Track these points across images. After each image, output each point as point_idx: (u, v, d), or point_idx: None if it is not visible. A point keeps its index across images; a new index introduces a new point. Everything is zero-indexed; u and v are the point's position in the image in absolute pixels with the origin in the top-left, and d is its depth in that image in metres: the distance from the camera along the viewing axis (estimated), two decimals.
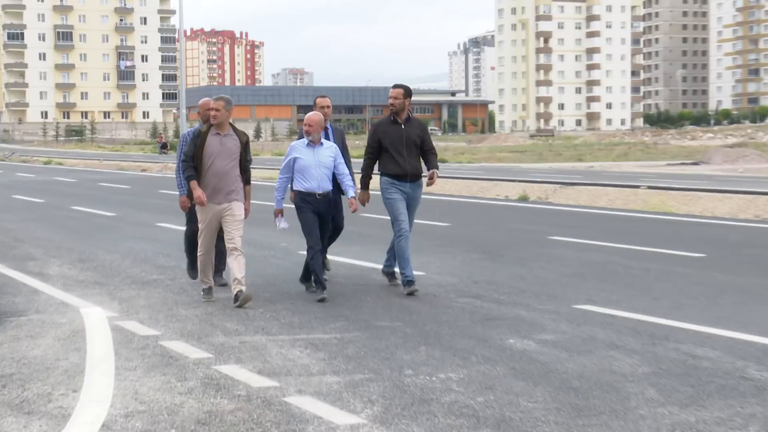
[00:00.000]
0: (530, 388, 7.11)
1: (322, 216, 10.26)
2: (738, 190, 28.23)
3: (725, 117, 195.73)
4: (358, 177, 11.74)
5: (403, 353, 8.28)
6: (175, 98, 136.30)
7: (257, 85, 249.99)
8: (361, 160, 11.69)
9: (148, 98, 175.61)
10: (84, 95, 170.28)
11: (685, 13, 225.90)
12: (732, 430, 6.06)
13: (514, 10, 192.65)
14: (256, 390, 7.12)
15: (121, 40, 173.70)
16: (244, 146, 9.95)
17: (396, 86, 10.52)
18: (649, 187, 28.87)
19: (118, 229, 20.38)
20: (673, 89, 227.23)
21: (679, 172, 49.48)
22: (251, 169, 10.90)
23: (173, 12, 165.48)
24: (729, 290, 11.68)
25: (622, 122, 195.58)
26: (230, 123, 10.04)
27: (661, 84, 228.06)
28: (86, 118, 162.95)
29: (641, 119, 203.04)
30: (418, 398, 6.86)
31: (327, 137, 11.07)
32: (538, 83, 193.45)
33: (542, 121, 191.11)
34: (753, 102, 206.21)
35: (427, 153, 10.55)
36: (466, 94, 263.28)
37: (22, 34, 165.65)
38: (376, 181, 11.38)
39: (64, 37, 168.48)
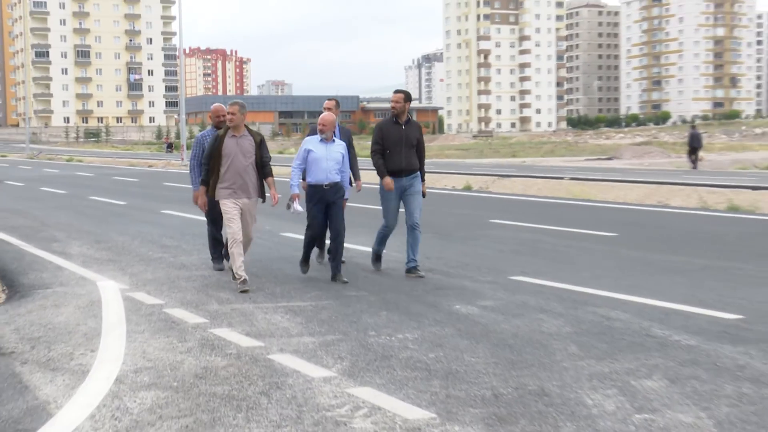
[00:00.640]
0: (473, 345, 7.28)
1: (329, 203, 9.72)
2: (644, 181, 28.60)
3: (633, 120, 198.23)
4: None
5: (367, 318, 8.41)
6: (176, 105, 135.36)
7: (245, 94, 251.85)
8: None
9: (153, 106, 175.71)
10: (100, 103, 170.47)
11: (600, 35, 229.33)
12: (638, 378, 6.23)
13: (459, 32, 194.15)
14: (244, 349, 7.22)
15: (131, 57, 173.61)
16: (259, 145, 9.39)
17: (397, 91, 10.11)
18: (572, 178, 29.20)
19: (129, 216, 20.29)
20: (591, 97, 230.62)
21: (596, 166, 50.01)
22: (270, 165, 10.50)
23: (174, 33, 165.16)
24: (638, 263, 11.87)
25: (549, 125, 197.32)
26: (245, 125, 9.48)
27: (580, 93, 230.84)
28: (102, 122, 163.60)
29: (564, 122, 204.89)
30: (380, 355, 7.00)
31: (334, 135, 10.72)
32: (480, 92, 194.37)
33: (483, 124, 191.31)
34: (656, 108, 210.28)
35: (420, 154, 10.17)
36: (420, 102, 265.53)
37: (48, 52, 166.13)
38: (371, 175, 11.36)
39: (83, 54, 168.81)
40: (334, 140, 9.66)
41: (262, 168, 9.48)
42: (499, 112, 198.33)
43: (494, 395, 5.87)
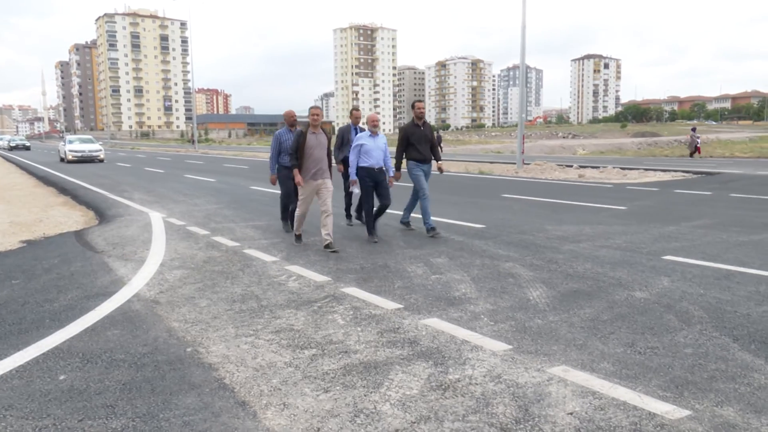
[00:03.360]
0: (350, 243, 7.60)
1: (378, 183, 8.17)
2: (468, 160, 30.77)
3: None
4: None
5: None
6: (191, 119, 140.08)
7: (228, 113, 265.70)
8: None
9: (178, 119, 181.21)
10: (148, 118, 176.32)
11: (415, 83, 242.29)
12: (433, 257, 6.74)
13: (342, 81, 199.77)
14: (230, 247, 7.64)
15: (165, 91, 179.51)
16: (329, 140, 7.92)
17: (420, 101, 8.77)
18: None
19: (166, 178, 20.46)
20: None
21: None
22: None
23: (189, 80, 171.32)
24: (441, 202, 12.42)
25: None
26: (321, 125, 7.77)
27: (404, 115, 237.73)
28: (150, 128, 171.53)
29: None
30: (302, 248, 7.49)
31: (356, 135, 8.95)
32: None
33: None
34: (443, 121, 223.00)
35: (434, 147, 8.83)
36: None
37: (119, 88, 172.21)
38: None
39: (138, 90, 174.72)
40: (378, 135, 8.24)
41: (329, 156, 7.92)
42: (362, 129, 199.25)
43: (361, 268, 6.34)
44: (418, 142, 8.59)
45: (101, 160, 32.42)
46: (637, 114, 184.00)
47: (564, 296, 5.25)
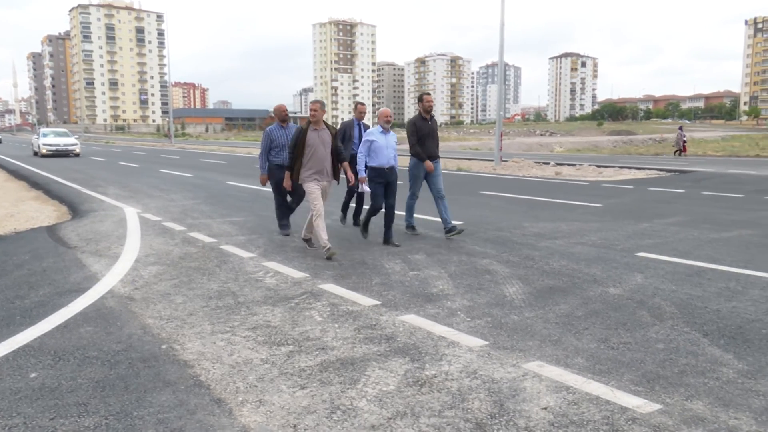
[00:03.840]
0: (329, 238, 7.60)
1: (389, 183, 7.55)
2: (446, 157, 30.76)
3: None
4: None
5: (273, 226, 8.75)
6: (167, 113, 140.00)
7: (206, 108, 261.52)
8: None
9: (154, 113, 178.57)
10: (123, 111, 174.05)
11: (394, 80, 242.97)
12: (411, 254, 6.79)
13: (322, 77, 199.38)
14: (207, 243, 7.58)
15: (141, 85, 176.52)
16: (334, 137, 7.13)
17: (428, 93, 8.16)
18: None
19: (141, 172, 20.21)
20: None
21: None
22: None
23: (165, 73, 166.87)
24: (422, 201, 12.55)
25: None
26: (323, 120, 7.12)
27: None
28: (125, 122, 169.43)
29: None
30: (280, 244, 7.45)
31: (360, 131, 8.66)
32: (332, 110, 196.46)
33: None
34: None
35: (437, 146, 8.26)
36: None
37: (93, 80, 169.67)
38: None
39: (113, 83, 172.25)
40: (390, 131, 7.54)
41: (337, 155, 7.13)
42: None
43: (339, 264, 6.33)
44: (425, 138, 8.02)
45: (77, 155, 31.74)
46: (613, 112, 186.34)
47: (540, 292, 5.31)
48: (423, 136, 7.96)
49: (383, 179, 7.46)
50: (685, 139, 33.32)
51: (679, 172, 20.40)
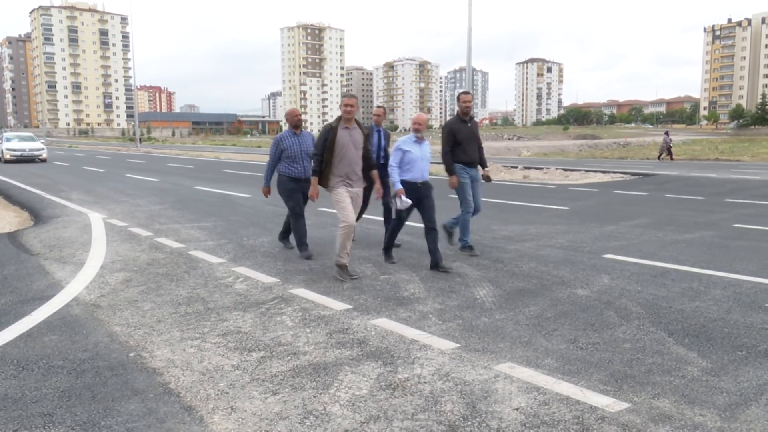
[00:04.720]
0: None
1: (421, 198, 6.42)
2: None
3: None
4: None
5: (242, 231, 8.77)
6: (132, 117, 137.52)
7: (172, 112, 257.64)
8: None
9: (119, 117, 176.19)
10: (87, 115, 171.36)
11: (363, 84, 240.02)
12: (379, 257, 6.72)
13: (290, 81, 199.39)
14: (175, 248, 7.49)
15: (105, 88, 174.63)
16: (366, 138, 6.16)
17: (467, 92, 7.26)
18: None
19: (106, 177, 19.88)
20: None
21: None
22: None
23: (130, 76, 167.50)
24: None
25: None
26: (355, 119, 6.07)
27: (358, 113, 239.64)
28: (89, 126, 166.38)
29: None
30: (249, 249, 7.39)
31: (380, 138, 7.61)
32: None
33: None
34: (392, 122, 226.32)
35: (481, 149, 7.40)
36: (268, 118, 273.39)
37: (56, 84, 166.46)
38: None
39: (76, 86, 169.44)
40: (425, 140, 6.58)
41: (367, 161, 6.17)
42: (312, 123, 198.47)
43: (310, 269, 6.31)
44: (465, 142, 7.09)
45: (43, 160, 30.31)
46: (578, 117, 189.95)
47: (510, 295, 5.37)
48: (462, 141, 7.07)
49: (415, 195, 6.36)
50: (670, 143, 33.81)
51: (643, 176, 20.87)
